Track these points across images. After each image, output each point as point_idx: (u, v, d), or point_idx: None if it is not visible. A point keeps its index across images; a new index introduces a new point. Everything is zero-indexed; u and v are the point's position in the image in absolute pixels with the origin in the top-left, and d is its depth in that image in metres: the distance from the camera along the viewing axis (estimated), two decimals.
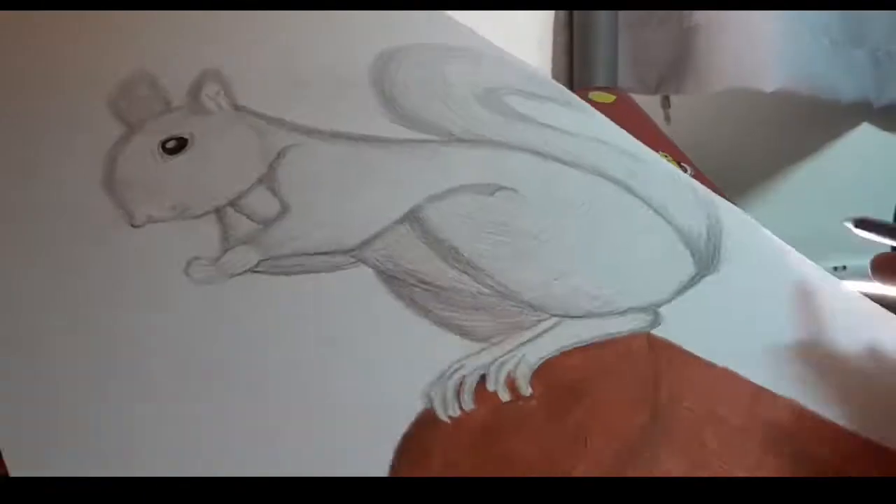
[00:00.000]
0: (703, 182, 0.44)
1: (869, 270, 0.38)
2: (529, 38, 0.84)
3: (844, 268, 0.91)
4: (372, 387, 0.33)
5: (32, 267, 0.35)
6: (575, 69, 0.84)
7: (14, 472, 0.29)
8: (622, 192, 0.43)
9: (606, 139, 0.45)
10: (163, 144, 0.40)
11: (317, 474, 0.31)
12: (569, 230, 0.41)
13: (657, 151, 0.45)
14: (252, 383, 0.33)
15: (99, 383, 0.32)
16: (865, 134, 1.04)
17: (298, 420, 0.32)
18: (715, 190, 0.44)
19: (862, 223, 0.40)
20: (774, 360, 0.38)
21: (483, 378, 0.35)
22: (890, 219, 0.90)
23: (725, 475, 0.34)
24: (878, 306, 0.41)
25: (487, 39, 0.47)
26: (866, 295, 0.41)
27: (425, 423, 0.33)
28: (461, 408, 0.34)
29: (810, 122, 1.00)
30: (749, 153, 0.99)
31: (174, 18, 0.43)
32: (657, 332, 0.38)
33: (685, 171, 0.52)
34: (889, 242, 0.40)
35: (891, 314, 0.41)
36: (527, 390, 0.35)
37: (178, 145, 0.40)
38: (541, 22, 0.85)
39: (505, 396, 0.34)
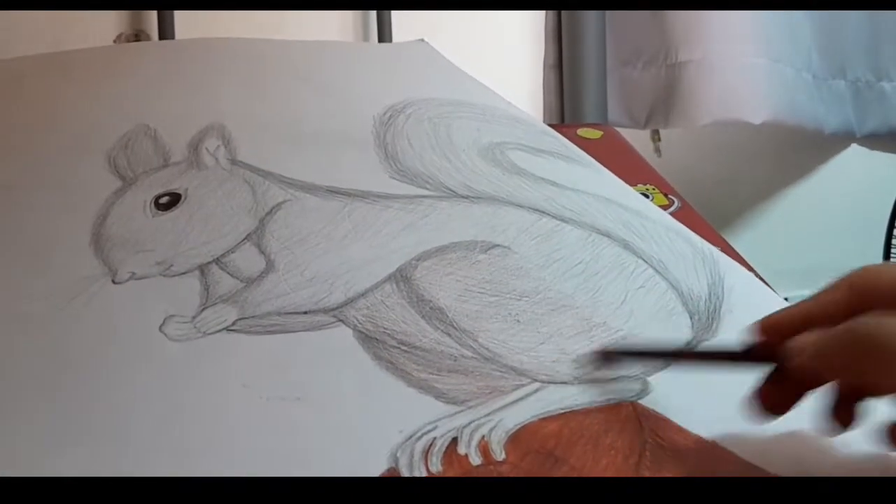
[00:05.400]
0: (690, 214, 0.43)
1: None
2: (521, 79, 0.87)
3: None
4: (335, 445, 0.33)
5: (8, 325, 0.36)
6: (566, 108, 0.86)
7: None
8: (621, 249, 0.42)
9: (609, 195, 0.44)
10: (156, 200, 0.41)
11: None
12: (562, 290, 0.40)
13: (643, 184, 0.44)
14: (213, 440, 0.33)
15: (71, 440, 0.32)
16: (851, 162, 1.04)
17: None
18: (703, 221, 0.43)
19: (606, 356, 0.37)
20: (769, 437, 0.35)
21: (455, 441, 0.34)
22: (882, 240, 0.89)
23: None
24: None
25: (499, 95, 0.47)
26: None
27: None
28: (428, 470, 0.33)
29: (797, 152, 1.01)
30: (738, 183, 1.01)
31: (179, 75, 0.44)
32: (645, 401, 0.36)
33: (672, 203, 0.51)
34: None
35: None
36: (500, 455, 0.34)
37: (171, 201, 0.41)
38: (531, 64, 0.88)
39: (476, 460, 0.33)
